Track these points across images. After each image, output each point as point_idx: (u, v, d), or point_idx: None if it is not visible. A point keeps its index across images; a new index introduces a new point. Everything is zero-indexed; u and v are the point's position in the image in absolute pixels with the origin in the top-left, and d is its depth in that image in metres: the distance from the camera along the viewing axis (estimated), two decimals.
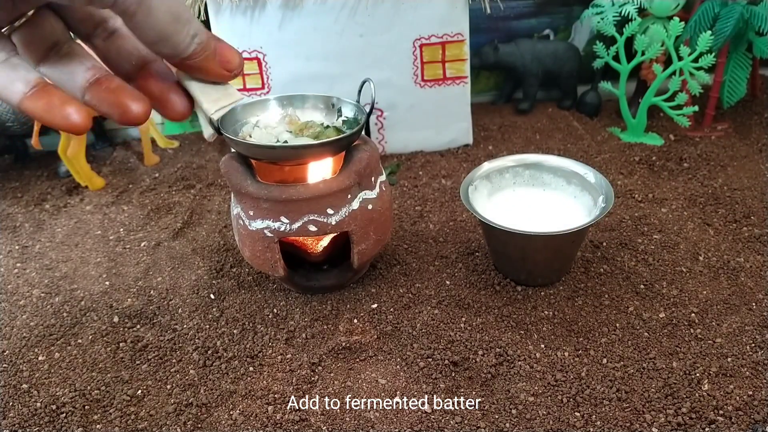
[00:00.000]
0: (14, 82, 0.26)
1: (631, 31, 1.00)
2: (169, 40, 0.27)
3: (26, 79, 0.26)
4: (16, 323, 0.73)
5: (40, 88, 0.26)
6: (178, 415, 0.59)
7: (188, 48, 0.28)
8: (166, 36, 0.27)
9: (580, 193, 0.73)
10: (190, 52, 0.29)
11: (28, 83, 0.26)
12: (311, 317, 0.70)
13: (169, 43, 0.27)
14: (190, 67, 0.30)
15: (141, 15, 0.25)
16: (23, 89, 0.26)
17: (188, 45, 0.28)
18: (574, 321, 0.67)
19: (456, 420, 0.56)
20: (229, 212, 0.73)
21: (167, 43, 0.27)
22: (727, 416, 0.55)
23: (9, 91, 0.26)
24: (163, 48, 0.28)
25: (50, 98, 0.26)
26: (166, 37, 0.27)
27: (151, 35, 0.26)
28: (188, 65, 0.30)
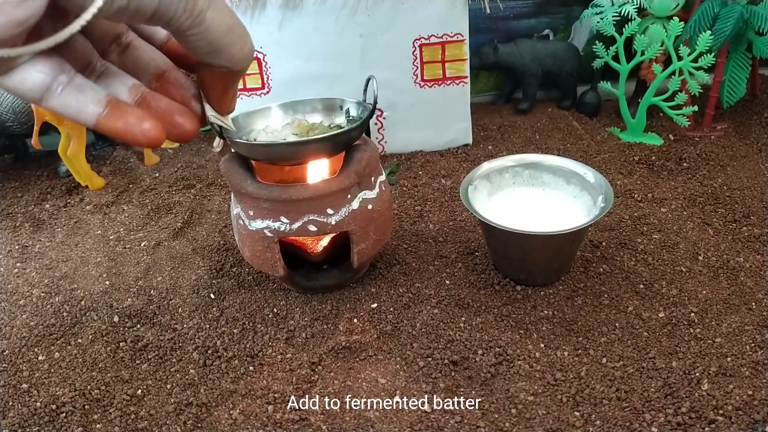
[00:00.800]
0: (87, 105, 0.25)
1: (630, 31, 1.00)
2: (223, 51, 0.26)
3: (97, 99, 0.26)
4: (16, 323, 0.73)
5: (112, 106, 0.26)
6: (178, 415, 0.59)
7: (243, 60, 0.28)
8: (219, 48, 0.26)
9: (580, 193, 0.73)
10: (244, 66, 0.28)
11: (99, 103, 0.26)
12: (311, 317, 0.70)
13: (222, 55, 0.27)
14: (231, 76, 0.30)
15: (196, 30, 0.24)
16: (97, 110, 0.25)
17: (243, 57, 0.28)
18: (574, 321, 0.67)
19: (456, 419, 0.56)
20: (229, 212, 0.73)
21: (221, 54, 0.27)
22: (727, 416, 0.55)
23: (84, 114, 0.25)
24: (215, 59, 0.27)
25: (126, 117, 0.26)
26: (220, 48, 0.26)
27: (205, 48, 0.26)
28: (229, 74, 0.29)
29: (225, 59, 0.27)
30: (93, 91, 0.26)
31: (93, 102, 0.25)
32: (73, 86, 0.25)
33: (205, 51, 0.26)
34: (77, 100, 0.25)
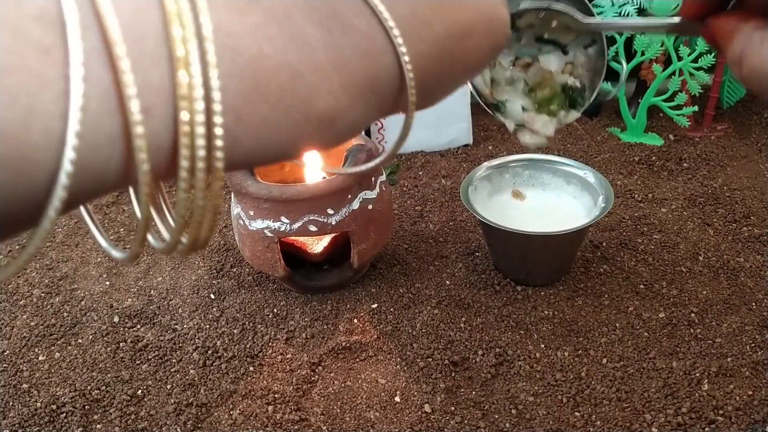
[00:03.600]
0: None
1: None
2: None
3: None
4: (17, 323, 0.73)
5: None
6: (178, 415, 0.59)
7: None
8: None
9: (580, 193, 0.73)
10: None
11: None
12: (311, 317, 0.70)
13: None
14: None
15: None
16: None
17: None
18: (574, 321, 0.67)
19: (456, 420, 0.56)
20: (230, 212, 0.73)
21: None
22: (727, 416, 0.55)
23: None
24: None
25: None
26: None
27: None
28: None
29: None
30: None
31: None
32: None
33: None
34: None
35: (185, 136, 0.14)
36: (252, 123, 0.15)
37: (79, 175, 0.13)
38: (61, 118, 0.13)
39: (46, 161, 0.13)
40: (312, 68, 0.16)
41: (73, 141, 0.13)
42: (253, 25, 0.15)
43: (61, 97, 0.13)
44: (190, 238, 0.17)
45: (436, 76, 0.20)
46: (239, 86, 0.15)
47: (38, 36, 0.12)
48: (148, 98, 0.14)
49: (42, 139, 0.13)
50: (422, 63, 0.18)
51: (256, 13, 0.15)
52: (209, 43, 0.14)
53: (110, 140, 0.13)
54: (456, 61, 0.20)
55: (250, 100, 0.15)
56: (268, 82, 0.15)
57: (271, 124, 0.16)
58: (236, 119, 0.15)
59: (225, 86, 0.15)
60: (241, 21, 0.15)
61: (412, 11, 0.18)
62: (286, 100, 0.16)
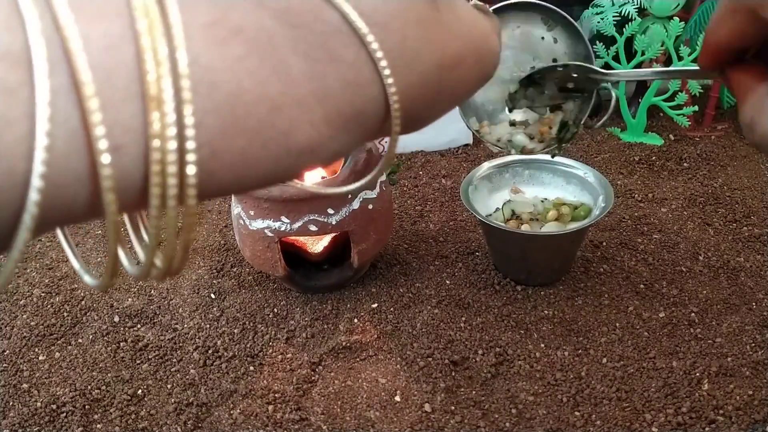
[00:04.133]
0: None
1: (631, 31, 1.00)
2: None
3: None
4: (17, 323, 0.73)
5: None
6: (178, 415, 0.59)
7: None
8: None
9: (580, 193, 0.73)
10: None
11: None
12: (311, 317, 0.70)
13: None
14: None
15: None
16: None
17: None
18: (574, 321, 0.67)
19: (456, 419, 0.56)
20: (230, 212, 0.73)
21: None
22: (727, 416, 0.55)
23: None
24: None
25: None
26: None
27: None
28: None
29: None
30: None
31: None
32: None
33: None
34: None
35: (156, 174, 0.14)
36: (228, 157, 0.15)
37: (45, 214, 0.13)
38: (26, 159, 0.12)
39: (10, 202, 0.13)
40: (294, 101, 0.16)
41: (38, 183, 0.12)
42: (233, 57, 0.15)
43: (27, 137, 0.12)
44: (164, 264, 0.17)
45: (422, 105, 0.19)
46: (216, 121, 0.14)
47: (3, 75, 0.12)
48: (118, 137, 0.13)
49: (5, 180, 0.12)
50: (409, 93, 0.18)
51: (237, 44, 0.15)
52: (185, 80, 0.14)
53: (78, 179, 0.13)
54: (444, 90, 0.20)
55: (227, 135, 0.15)
56: (247, 117, 0.15)
57: (248, 158, 0.16)
58: (211, 154, 0.15)
59: (200, 122, 0.14)
60: (221, 54, 0.14)
61: (402, 43, 0.18)
62: (265, 133, 0.15)
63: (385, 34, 0.17)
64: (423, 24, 0.18)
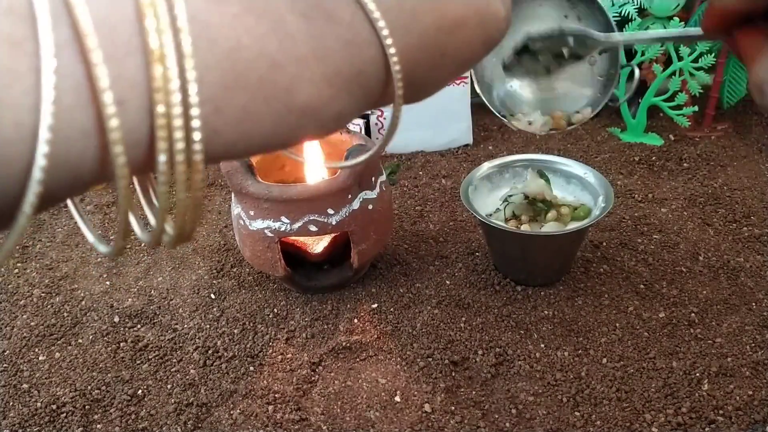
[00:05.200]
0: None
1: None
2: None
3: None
4: (17, 323, 0.73)
5: None
6: (178, 415, 0.59)
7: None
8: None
9: (580, 193, 0.73)
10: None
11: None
12: (311, 317, 0.70)
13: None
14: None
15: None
16: None
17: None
18: (574, 321, 0.67)
19: (456, 419, 0.56)
20: (230, 212, 0.73)
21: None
22: (727, 416, 0.55)
23: None
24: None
25: None
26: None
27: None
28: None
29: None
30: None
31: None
32: None
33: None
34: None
35: (162, 128, 0.14)
36: (231, 114, 0.15)
37: (54, 170, 0.13)
38: (33, 112, 0.12)
39: (19, 156, 0.13)
40: (293, 58, 0.16)
41: (45, 134, 0.12)
42: (230, 14, 0.15)
43: (33, 90, 0.12)
44: (176, 230, 0.17)
45: (425, 69, 0.19)
46: (217, 77, 0.15)
47: (7, 29, 0.12)
48: (122, 91, 0.13)
49: (14, 133, 0.12)
50: (410, 56, 0.18)
51: (234, 3, 0.15)
52: (184, 34, 0.14)
53: (84, 134, 0.13)
54: (446, 54, 0.20)
55: (229, 91, 0.15)
56: (247, 73, 0.15)
57: (251, 115, 0.16)
58: (214, 110, 0.15)
59: (202, 77, 0.14)
60: (219, 11, 0.15)
61: (399, 3, 0.18)
62: (266, 90, 0.16)
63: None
64: None
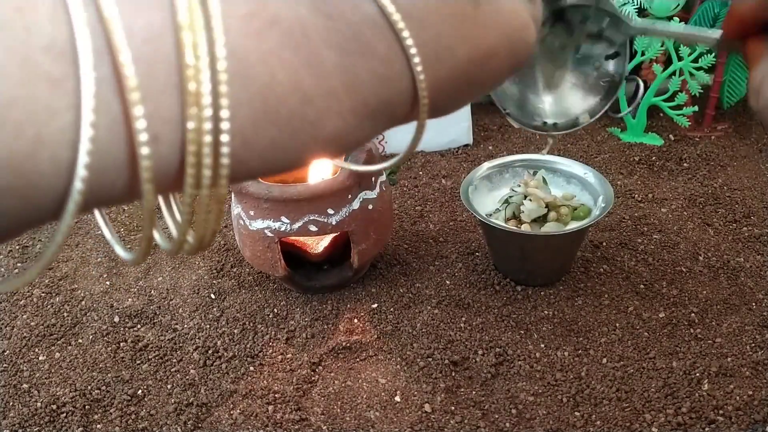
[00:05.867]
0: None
1: None
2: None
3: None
4: (17, 323, 0.73)
5: None
6: (178, 415, 0.59)
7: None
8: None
9: (580, 193, 0.73)
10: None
11: None
12: (311, 317, 0.70)
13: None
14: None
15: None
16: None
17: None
18: (574, 321, 0.67)
19: (456, 420, 0.56)
20: (230, 212, 0.73)
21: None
22: (727, 416, 0.55)
23: None
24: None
25: None
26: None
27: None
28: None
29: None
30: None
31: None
32: None
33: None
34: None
35: (192, 165, 0.14)
36: (259, 146, 0.16)
37: (86, 199, 0.13)
38: (70, 148, 0.13)
39: (54, 188, 0.13)
40: (324, 92, 0.16)
41: (82, 172, 0.13)
42: (268, 50, 0.15)
43: (71, 127, 0.13)
44: (196, 241, 0.18)
45: (449, 97, 0.20)
46: (248, 112, 0.15)
47: (48, 67, 0.12)
48: (157, 127, 0.14)
49: (50, 167, 0.13)
50: (437, 86, 0.18)
51: (273, 37, 0.15)
52: (222, 75, 0.14)
53: (117, 167, 0.14)
54: (473, 83, 0.20)
55: (259, 125, 0.15)
56: (278, 108, 0.15)
57: (277, 146, 0.16)
58: (243, 143, 0.15)
59: (234, 113, 0.15)
60: (257, 46, 0.15)
61: (436, 38, 0.18)
62: (295, 123, 0.16)
63: (421, 29, 0.17)
64: (459, 19, 0.18)
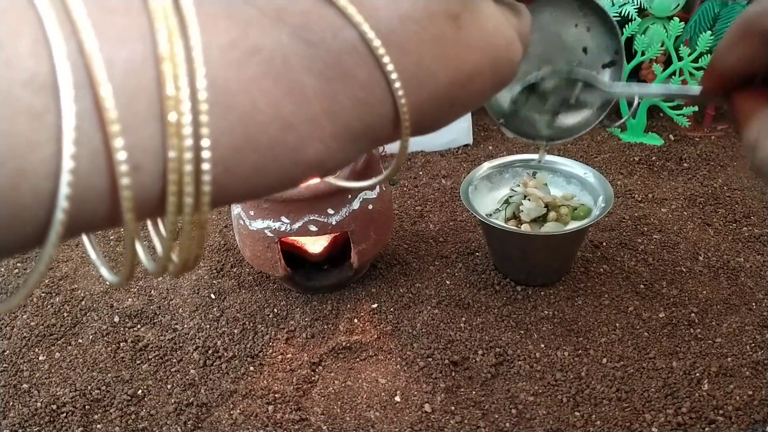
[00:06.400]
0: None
1: (630, 32, 1.00)
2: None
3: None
4: (17, 323, 0.73)
5: None
6: (178, 415, 0.59)
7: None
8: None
9: (580, 193, 0.73)
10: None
11: None
12: (311, 317, 0.70)
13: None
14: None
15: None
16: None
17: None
18: (574, 321, 0.67)
19: (456, 420, 0.56)
20: (230, 212, 0.73)
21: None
22: (727, 416, 0.55)
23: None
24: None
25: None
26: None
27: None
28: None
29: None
30: None
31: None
32: None
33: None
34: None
35: (173, 191, 0.14)
36: (240, 173, 0.16)
37: (68, 228, 0.14)
38: (51, 179, 0.13)
39: (36, 219, 0.13)
40: (305, 119, 0.16)
41: (63, 204, 0.13)
42: (249, 78, 0.15)
43: (52, 159, 0.13)
44: (180, 262, 0.18)
45: (432, 117, 0.20)
46: (230, 140, 0.15)
47: (28, 100, 0.12)
48: (138, 157, 0.14)
49: (31, 199, 0.13)
50: (420, 109, 0.18)
51: (254, 65, 0.15)
52: (203, 105, 0.14)
53: (99, 196, 0.14)
54: (455, 104, 0.20)
55: (240, 153, 0.15)
56: (259, 135, 0.15)
57: (260, 172, 0.16)
58: (225, 170, 0.15)
59: (216, 142, 0.15)
60: (238, 75, 0.15)
61: (418, 62, 0.17)
62: (276, 150, 0.16)
63: (402, 54, 0.17)
64: (440, 43, 0.18)
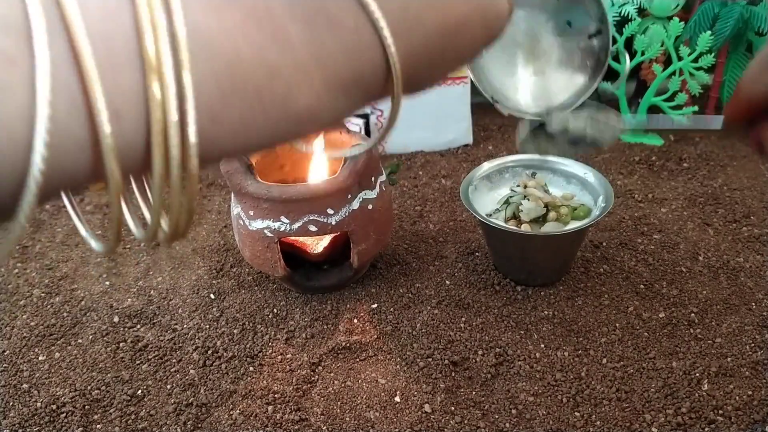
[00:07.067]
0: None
1: (630, 31, 1.00)
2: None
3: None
4: (17, 323, 0.73)
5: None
6: (178, 415, 0.59)
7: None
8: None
9: (580, 193, 0.73)
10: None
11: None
12: (311, 317, 0.70)
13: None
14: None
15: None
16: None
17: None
18: (574, 321, 0.67)
19: (456, 420, 0.56)
20: (229, 212, 0.73)
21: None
22: (727, 416, 0.55)
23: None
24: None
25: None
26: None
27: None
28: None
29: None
30: None
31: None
32: None
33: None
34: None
35: (158, 139, 0.14)
36: (228, 123, 0.15)
37: (48, 179, 0.13)
38: (29, 127, 0.12)
39: (13, 169, 0.13)
40: (292, 66, 0.16)
41: (41, 150, 0.13)
42: (230, 24, 0.15)
43: (29, 105, 0.12)
44: (170, 228, 0.17)
45: (424, 68, 0.19)
46: (214, 87, 0.15)
47: (2, 45, 0.12)
48: (117, 103, 0.13)
49: (8, 147, 0.12)
50: (411, 58, 0.18)
51: (234, 12, 0.15)
52: (183, 46, 0.14)
53: (80, 145, 0.13)
54: (447, 54, 0.19)
55: (226, 101, 0.15)
56: (245, 83, 0.15)
57: (248, 123, 0.16)
58: (211, 120, 0.15)
59: (199, 88, 0.14)
60: (218, 21, 0.15)
61: (403, 7, 0.17)
62: (264, 98, 0.16)
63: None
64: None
